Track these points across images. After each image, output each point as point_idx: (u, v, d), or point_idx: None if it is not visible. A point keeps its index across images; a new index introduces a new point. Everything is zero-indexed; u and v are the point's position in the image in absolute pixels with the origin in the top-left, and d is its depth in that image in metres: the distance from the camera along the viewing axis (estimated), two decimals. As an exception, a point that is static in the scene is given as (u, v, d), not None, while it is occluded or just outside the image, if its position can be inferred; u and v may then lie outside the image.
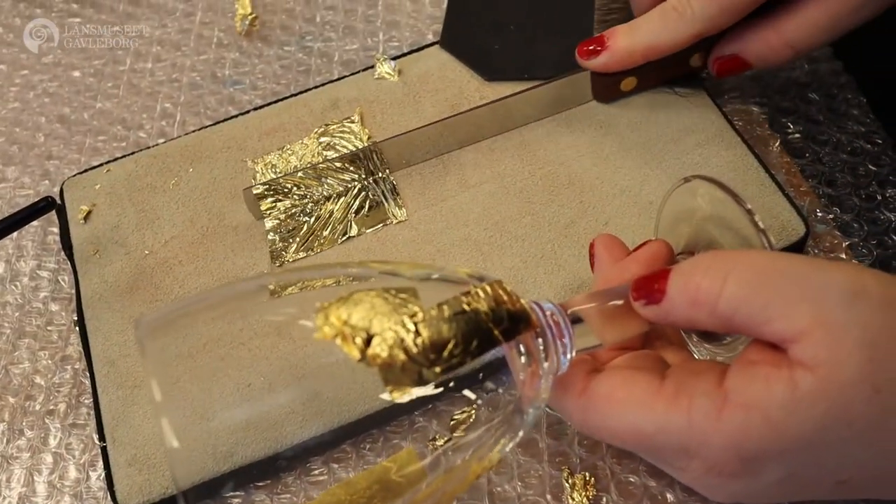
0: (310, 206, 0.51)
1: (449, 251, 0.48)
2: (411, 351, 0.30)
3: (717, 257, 0.32)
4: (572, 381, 0.34)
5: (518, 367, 0.33)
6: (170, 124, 0.60)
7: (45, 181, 0.58)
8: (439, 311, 0.30)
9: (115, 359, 0.47)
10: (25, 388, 0.49)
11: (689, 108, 0.52)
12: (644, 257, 0.38)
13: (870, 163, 0.52)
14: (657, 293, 0.33)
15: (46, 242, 0.55)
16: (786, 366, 0.30)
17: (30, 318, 0.52)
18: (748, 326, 0.31)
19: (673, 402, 0.31)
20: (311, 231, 0.50)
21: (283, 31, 0.64)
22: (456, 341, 0.30)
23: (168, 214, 0.52)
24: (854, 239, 0.49)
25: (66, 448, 0.47)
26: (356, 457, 0.44)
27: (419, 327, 0.30)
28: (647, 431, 0.32)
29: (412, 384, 0.30)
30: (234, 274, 0.49)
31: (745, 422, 0.30)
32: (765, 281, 0.30)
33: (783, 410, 0.29)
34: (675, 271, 0.33)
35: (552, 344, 0.33)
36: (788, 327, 0.30)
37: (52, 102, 0.62)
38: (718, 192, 0.37)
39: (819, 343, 0.29)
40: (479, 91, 0.54)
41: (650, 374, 0.33)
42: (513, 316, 0.32)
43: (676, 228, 0.41)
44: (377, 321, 0.30)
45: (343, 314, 0.30)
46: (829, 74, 0.56)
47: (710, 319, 0.31)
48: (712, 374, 0.32)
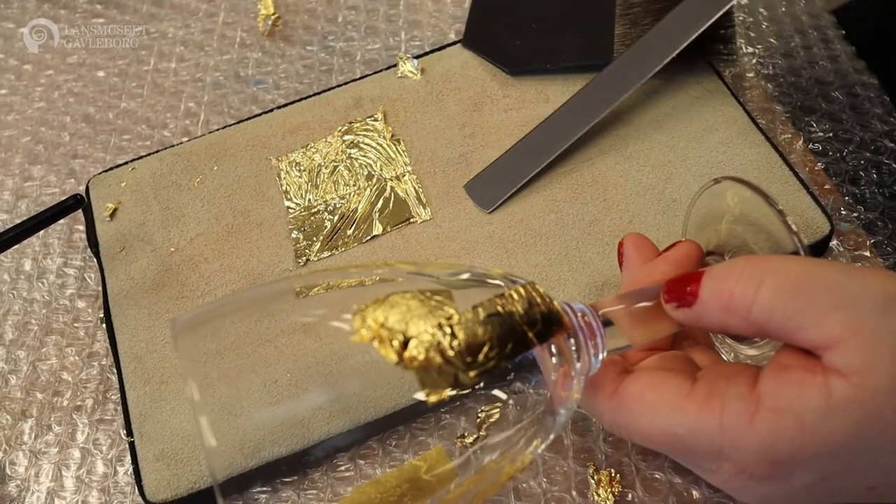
0: (334, 202, 0.51)
1: (473, 249, 0.49)
2: (448, 354, 0.30)
3: (750, 263, 0.32)
4: (603, 382, 0.34)
5: (550, 368, 0.33)
6: (194, 123, 0.60)
7: (70, 180, 0.58)
8: (475, 314, 0.31)
9: (141, 355, 0.48)
10: (53, 384, 0.50)
11: (712, 106, 0.52)
12: (674, 258, 0.38)
13: (894, 161, 0.52)
14: (689, 296, 0.33)
15: (73, 240, 0.55)
16: (820, 372, 0.30)
17: (57, 315, 0.52)
18: (781, 333, 0.31)
19: (705, 404, 0.31)
20: (335, 229, 0.50)
21: (306, 30, 0.64)
22: (491, 344, 0.30)
23: (193, 212, 0.52)
24: (878, 237, 0.49)
25: (94, 443, 0.48)
26: (382, 453, 0.44)
27: (455, 330, 0.30)
28: (679, 433, 0.32)
29: (448, 386, 0.30)
30: (259, 271, 0.49)
31: (777, 426, 0.30)
32: (799, 288, 0.30)
33: (816, 416, 0.29)
34: (708, 276, 0.32)
35: (584, 345, 0.33)
36: (822, 334, 0.30)
37: (77, 102, 0.62)
38: (749, 192, 0.37)
39: (853, 351, 0.29)
40: (502, 89, 0.55)
41: (681, 375, 0.33)
42: (546, 318, 0.32)
43: (705, 229, 0.41)
44: (413, 324, 0.30)
45: (380, 316, 0.30)
46: (853, 73, 0.56)
47: (743, 325, 0.31)
48: (744, 377, 0.32)
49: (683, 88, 0.53)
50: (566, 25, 0.56)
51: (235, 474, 0.43)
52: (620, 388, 0.33)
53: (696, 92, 0.53)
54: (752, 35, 0.59)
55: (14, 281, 0.54)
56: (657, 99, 0.53)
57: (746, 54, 0.57)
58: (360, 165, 0.53)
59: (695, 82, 0.53)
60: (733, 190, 0.38)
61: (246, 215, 0.52)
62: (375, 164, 0.52)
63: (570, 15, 0.56)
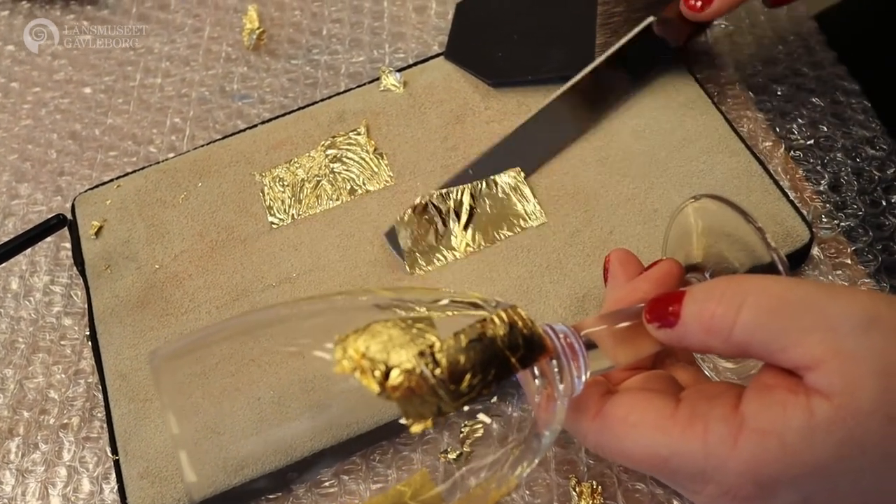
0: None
1: (455, 262, 0.49)
2: (430, 382, 0.30)
3: (731, 284, 0.32)
4: (586, 403, 0.34)
5: (533, 391, 0.33)
6: (179, 139, 0.60)
7: (57, 197, 0.59)
8: (457, 341, 0.30)
9: (126, 373, 0.48)
10: (40, 402, 0.50)
11: (693, 116, 0.52)
12: (656, 276, 0.38)
13: (875, 168, 0.52)
14: (671, 316, 0.33)
15: (59, 258, 0.56)
16: (802, 392, 0.30)
17: (43, 333, 0.53)
18: (763, 354, 0.31)
19: (688, 426, 0.31)
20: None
21: (291, 44, 0.64)
22: (474, 371, 0.30)
23: (178, 229, 0.53)
24: (859, 245, 0.49)
25: (80, 461, 0.48)
26: (366, 468, 0.45)
27: (437, 358, 0.30)
28: (663, 455, 0.32)
29: (431, 415, 0.30)
30: (243, 287, 0.50)
31: (761, 447, 0.30)
32: (780, 309, 0.30)
33: (800, 437, 0.29)
34: (689, 297, 0.32)
35: (566, 367, 0.33)
36: (804, 355, 0.30)
37: (63, 119, 0.63)
38: (727, 209, 0.37)
39: (834, 372, 0.29)
40: (484, 101, 0.55)
41: (664, 396, 0.33)
42: (528, 342, 0.32)
43: (686, 244, 0.41)
44: (395, 353, 0.30)
45: (361, 346, 0.30)
46: (834, 80, 0.56)
47: (725, 346, 0.32)
48: (727, 397, 0.32)
49: (664, 98, 0.53)
50: (548, 37, 0.56)
51: (219, 492, 0.43)
52: (604, 410, 0.33)
53: (677, 101, 0.53)
54: (735, 43, 0.59)
55: (1, 299, 0.54)
56: (638, 109, 0.53)
57: (728, 62, 0.58)
58: (342, 179, 0.53)
59: (676, 91, 0.53)
60: (712, 207, 0.38)
61: (230, 231, 0.52)
62: (358, 178, 0.53)
63: (551, 26, 0.56)
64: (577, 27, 0.55)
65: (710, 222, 0.39)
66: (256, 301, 0.49)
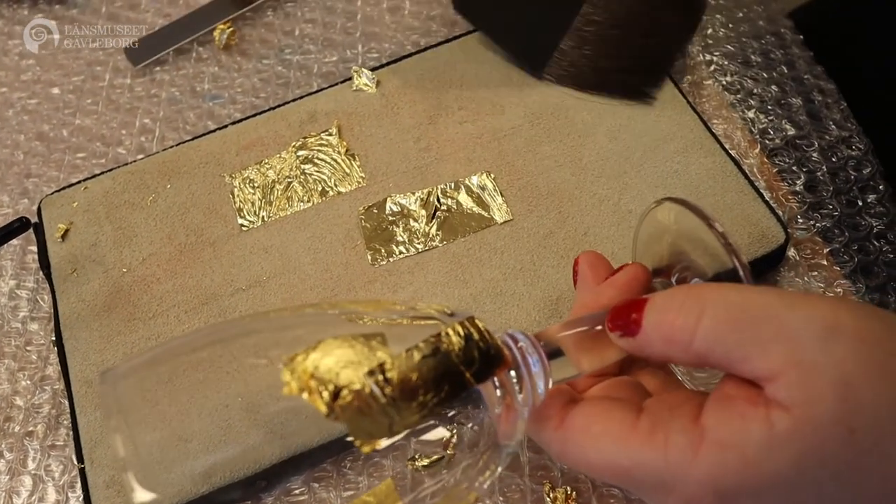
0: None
1: (427, 264, 0.48)
2: (380, 402, 0.29)
3: (690, 293, 0.31)
4: (549, 413, 0.33)
5: (494, 402, 0.32)
6: (149, 140, 0.59)
7: (24, 199, 0.58)
8: (408, 358, 0.30)
9: (92, 379, 0.47)
10: (4, 409, 0.49)
11: (668, 116, 0.52)
12: (622, 282, 0.38)
13: (851, 168, 0.52)
14: (633, 325, 0.32)
15: (25, 261, 0.55)
16: (762, 404, 0.29)
17: (9, 339, 0.52)
18: (723, 364, 0.31)
19: (649, 438, 0.31)
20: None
21: (262, 44, 0.63)
22: (426, 388, 0.29)
23: (146, 232, 0.52)
24: (835, 245, 0.49)
25: (46, 470, 0.47)
26: (337, 475, 0.44)
27: (388, 376, 0.29)
28: (624, 466, 0.31)
29: (382, 435, 0.29)
30: (212, 291, 0.49)
31: (721, 459, 0.29)
32: (738, 319, 0.30)
33: (759, 449, 0.29)
34: (650, 306, 0.32)
35: (526, 378, 0.32)
36: (763, 367, 0.29)
37: (31, 120, 0.62)
38: (691, 214, 0.36)
39: (794, 383, 0.29)
40: (457, 102, 0.54)
41: (627, 406, 0.32)
42: (485, 355, 0.31)
43: (653, 248, 0.41)
44: (344, 373, 0.29)
45: (309, 367, 0.29)
46: (811, 79, 0.56)
47: (686, 357, 0.31)
48: (689, 407, 0.31)
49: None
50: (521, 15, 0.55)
51: (186, 501, 0.42)
52: (567, 420, 0.33)
53: (651, 101, 0.52)
54: (710, 42, 0.58)
55: (-34, 304, 0.53)
56: (613, 109, 0.52)
57: (704, 62, 0.57)
58: (314, 181, 0.52)
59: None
60: (676, 210, 0.37)
61: (199, 234, 0.51)
62: (330, 180, 0.52)
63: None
64: (551, 16, 0.54)
65: (675, 226, 0.38)
66: (226, 305, 0.48)
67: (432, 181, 0.51)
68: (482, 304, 0.46)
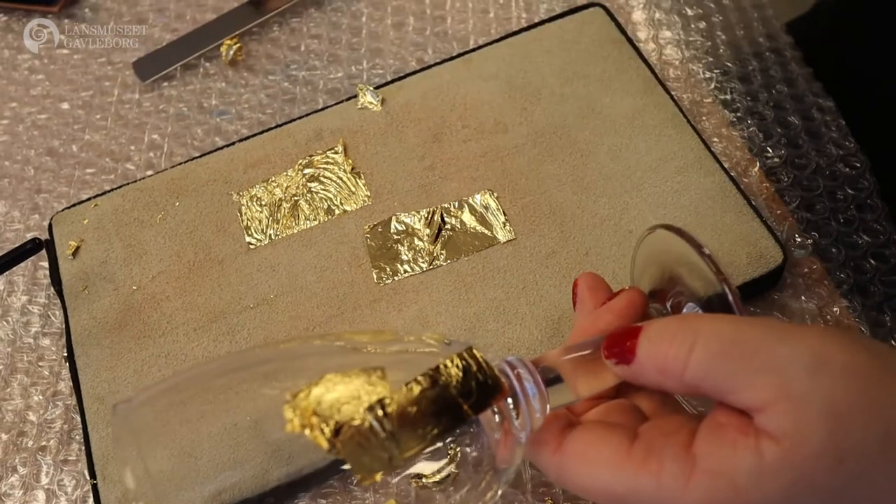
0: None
1: (431, 283, 0.49)
2: (380, 436, 0.30)
3: (683, 324, 0.32)
4: (546, 438, 0.34)
5: (493, 427, 0.33)
6: (157, 156, 0.60)
7: (34, 215, 0.58)
8: (408, 392, 0.30)
9: (104, 395, 0.48)
10: (18, 424, 0.50)
11: (668, 135, 0.52)
12: (618, 307, 0.39)
13: (848, 186, 0.52)
14: (628, 353, 0.33)
15: (37, 277, 0.56)
16: (752, 433, 0.30)
17: (21, 354, 0.53)
18: (714, 395, 0.32)
19: (643, 464, 0.32)
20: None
21: (269, 59, 0.64)
22: (425, 421, 0.30)
23: (155, 249, 0.53)
24: (832, 264, 0.50)
25: (58, 484, 0.48)
26: (343, 492, 0.45)
27: (387, 410, 0.30)
28: (619, 493, 0.32)
29: (382, 469, 0.30)
30: (220, 309, 0.50)
31: (712, 488, 0.30)
32: (729, 351, 0.31)
33: (749, 478, 0.30)
34: (644, 335, 0.33)
35: (523, 406, 0.33)
36: (753, 398, 0.30)
37: (41, 135, 0.62)
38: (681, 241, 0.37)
39: (783, 414, 0.30)
40: (461, 120, 0.55)
41: (622, 432, 0.33)
42: (482, 387, 0.32)
43: (649, 272, 0.41)
44: (345, 408, 0.30)
45: (312, 403, 0.30)
46: (810, 96, 0.57)
47: (678, 387, 0.32)
48: (682, 435, 0.32)
49: (641, 116, 0.53)
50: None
51: (196, 518, 0.43)
52: (563, 445, 0.34)
53: (653, 120, 0.53)
54: (711, 60, 0.59)
55: (-22, 320, 0.54)
56: (614, 128, 0.53)
57: (704, 79, 0.58)
58: (320, 199, 0.53)
59: (653, 110, 0.53)
60: (668, 237, 0.38)
61: (207, 252, 0.52)
62: (336, 198, 0.53)
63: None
64: None
65: (669, 251, 0.39)
66: (234, 323, 0.49)
67: (436, 200, 0.52)
68: (485, 323, 0.47)
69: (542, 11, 0.64)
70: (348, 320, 0.49)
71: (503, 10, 0.65)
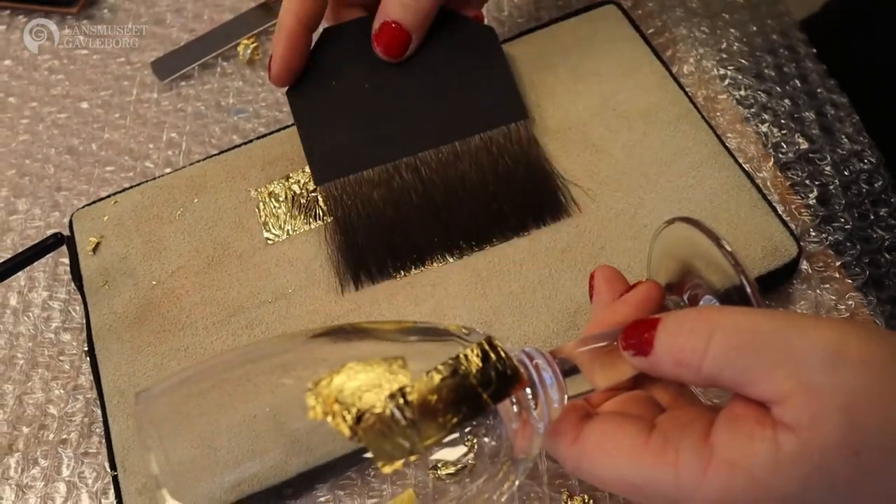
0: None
1: (448, 277, 0.49)
2: (401, 424, 0.30)
3: (700, 316, 0.32)
4: (564, 428, 0.35)
5: (511, 417, 0.34)
6: (176, 154, 0.61)
7: (55, 212, 0.59)
8: (428, 380, 0.31)
9: (124, 389, 0.48)
10: (39, 417, 0.51)
11: (683, 130, 0.53)
12: (635, 300, 0.39)
13: (863, 181, 0.53)
14: (645, 344, 0.33)
15: (57, 273, 0.56)
16: (769, 425, 0.30)
17: (42, 349, 0.53)
18: (732, 387, 0.32)
19: (660, 455, 0.32)
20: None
21: (285, 58, 0.65)
22: (445, 410, 0.31)
23: (174, 245, 0.53)
24: (847, 258, 0.50)
25: (79, 476, 0.49)
26: (361, 483, 0.45)
27: (408, 399, 0.31)
28: (636, 483, 0.32)
29: (403, 456, 0.31)
30: (238, 303, 0.50)
31: (729, 479, 0.30)
32: (747, 344, 0.31)
33: (766, 470, 0.30)
34: (662, 327, 0.33)
35: (541, 396, 0.34)
36: (770, 390, 0.30)
37: (60, 134, 0.63)
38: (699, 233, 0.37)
39: (800, 407, 0.30)
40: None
41: (639, 423, 0.34)
42: (501, 376, 0.32)
43: (665, 265, 0.42)
44: (367, 396, 0.31)
45: (333, 391, 0.31)
46: (824, 93, 0.57)
47: (696, 379, 0.32)
48: (699, 425, 0.32)
49: (656, 112, 0.54)
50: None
51: (215, 508, 0.44)
52: (581, 436, 0.34)
53: (667, 116, 0.53)
54: (725, 56, 0.59)
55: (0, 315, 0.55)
56: (629, 124, 0.53)
57: (718, 76, 0.58)
58: (337, 195, 0.53)
59: (667, 105, 0.54)
60: (685, 230, 0.38)
61: (226, 247, 0.53)
62: (352, 194, 0.53)
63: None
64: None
65: (686, 244, 0.39)
66: (252, 317, 0.50)
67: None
68: (502, 316, 0.48)
69: (555, 9, 0.64)
70: (365, 314, 0.49)
71: (517, 9, 0.65)
